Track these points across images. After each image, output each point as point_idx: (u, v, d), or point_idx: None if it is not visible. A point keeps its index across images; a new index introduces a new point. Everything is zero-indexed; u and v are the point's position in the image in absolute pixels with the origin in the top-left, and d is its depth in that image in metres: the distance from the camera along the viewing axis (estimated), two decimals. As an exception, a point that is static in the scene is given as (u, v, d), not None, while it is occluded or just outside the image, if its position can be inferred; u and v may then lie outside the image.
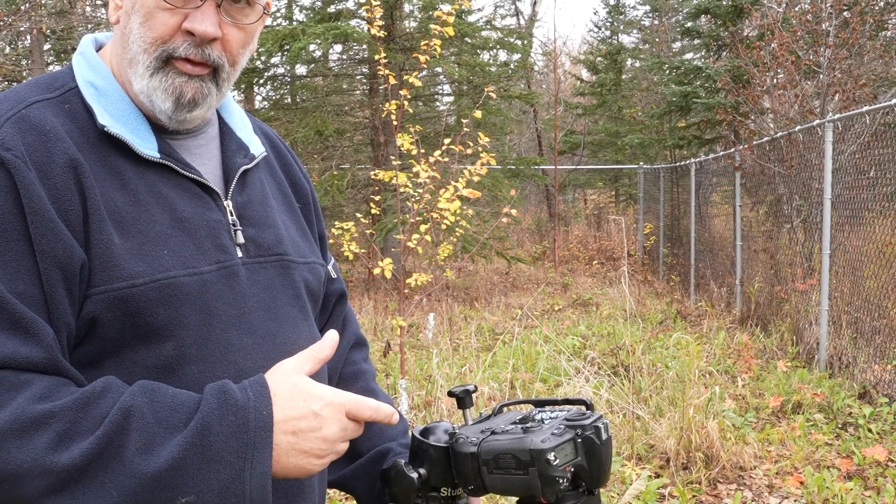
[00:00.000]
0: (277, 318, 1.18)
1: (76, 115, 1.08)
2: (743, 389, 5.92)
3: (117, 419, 0.95)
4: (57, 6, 9.81)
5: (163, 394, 1.00)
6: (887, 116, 6.12)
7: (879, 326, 6.13)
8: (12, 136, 1.01)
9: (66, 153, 1.03)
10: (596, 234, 19.15)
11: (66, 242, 1.00)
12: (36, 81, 1.12)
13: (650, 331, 7.80)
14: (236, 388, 1.02)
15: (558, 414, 1.15)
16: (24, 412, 0.93)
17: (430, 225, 5.77)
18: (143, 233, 1.06)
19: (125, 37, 1.09)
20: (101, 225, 1.03)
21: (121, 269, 1.03)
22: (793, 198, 8.23)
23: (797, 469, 4.48)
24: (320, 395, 1.03)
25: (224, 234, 1.15)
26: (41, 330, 0.98)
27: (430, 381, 5.64)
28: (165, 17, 1.07)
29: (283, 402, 1.01)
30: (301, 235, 1.29)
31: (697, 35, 14.03)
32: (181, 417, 0.97)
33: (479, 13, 22.74)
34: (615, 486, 4.11)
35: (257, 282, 1.17)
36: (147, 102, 1.10)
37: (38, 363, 0.97)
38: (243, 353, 1.12)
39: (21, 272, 0.98)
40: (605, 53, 19.46)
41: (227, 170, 1.21)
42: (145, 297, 1.04)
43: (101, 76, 1.12)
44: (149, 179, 1.10)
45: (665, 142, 15.27)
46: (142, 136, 1.10)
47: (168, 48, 1.08)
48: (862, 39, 8.94)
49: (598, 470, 1.10)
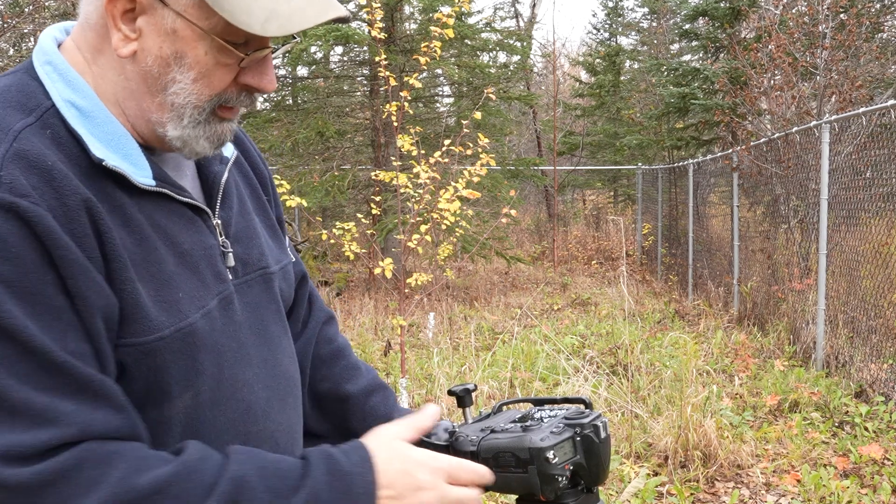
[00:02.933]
0: (267, 342, 1.13)
1: (62, 144, 0.94)
2: (740, 388, 5.96)
3: (229, 490, 0.92)
4: (60, 8, 9.77)
5: (266, 459, 0.98)
6: (883, 118, 6.15)
7: (876, 326, 6.17)
8: (18, 178, 0.88)
9: (76, 193, 0.91)
10: (595, 234, 19.17)
11: (103, 289, 0.92)
12: (3, 96, 0.96)
13: (648, 330, 7.84)
14: (339, 453, 1.01)
15: (557, 413, 1.16)
16: (128, 489, 0.86)
17: (430, 225, 5.81)
18: (156, 276, 0.98)
19: (158, 81, 0.98)
20: (123, 272, 0.94)
21: (149, 321, 0.96)
22: (790, 198, 8.27)
23: (794, 467, 4.51)
24: (422, 461, 1.03)
25: (218, 260, 1.08)
26: (111, 390, 0.91)
27: (431, 380, 5.68)
28: (224, 73, 0.99)
29: (386, 467, 1.01)
30: (272, 234, 1.23)
31: (695, 37, 14.06)
32: (289, 484, 0.96)
33: (479, 15, 22.75)
34: (614, 484, 4.14)
35: (246, 305, 1.11)
36: (178, 144, 1.01)
37: (119, 429, 0.91)
38: (247, 387, 1.08)
39: (68, 329, 0.89)
40: (604, 55, 19.48)
41: (206, 181, 1.12)
42: (170, 350, 0.97)
43: (82, 95, 0.98)
44: (146, 211, 1.00)
45: (663, 143, 15.30)
46: (136, 164, 0.99)
47: (221, 100, 1.01)
48: (858, 41, 8.97)
49: (596, 468, 1.11)
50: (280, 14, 0.93)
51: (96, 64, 1.00)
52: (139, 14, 0.96)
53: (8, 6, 9.45)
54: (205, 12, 0.94)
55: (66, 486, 0.85)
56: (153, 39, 0.96)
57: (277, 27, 0.93)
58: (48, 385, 0.87)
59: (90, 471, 0.86)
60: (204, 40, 0.96)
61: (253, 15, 0.92)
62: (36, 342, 0.86)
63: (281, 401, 1.15)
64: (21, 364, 0.86)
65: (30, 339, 0.86)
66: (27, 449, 0.84)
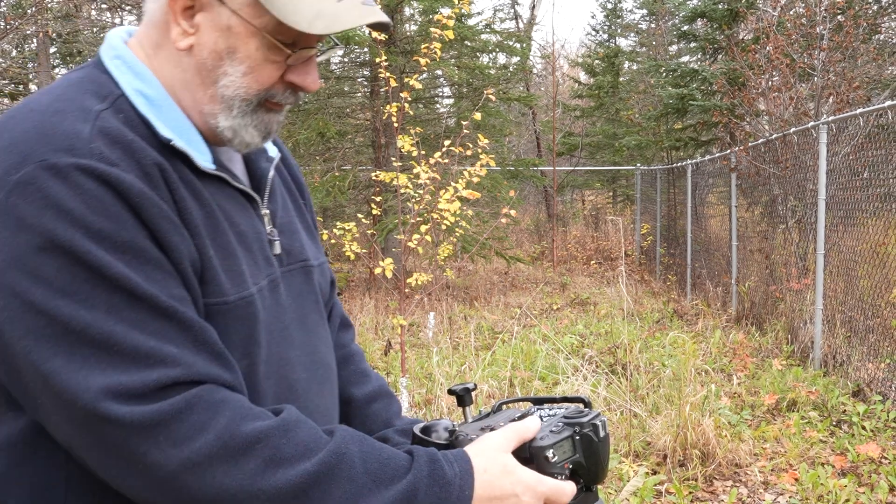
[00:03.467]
0: (307, 328, 1.19)
1: (134, 127, 1.02)
2: (738, 387, 5.98)
3: (331, 461, 0.96)
4: (63, 10, 9.80)
5: (370, 444, 1.02)
6: (880, 119, 6.17)
7: (873, 325, 6.19)
8: (105, 151, 0.96)
9: (155, 163, 1.00)
10: (594, 234, 19.19)
11: (190, 244, 1.00)
12: (79, 86, 1.04)
13: (647, 330, 7.86)
14: (444, 460, 1.04)
15: (557, 412, 1.17)
16: (231, 435, 0.92)
17: (430, 225, 5.83)
18: (222, 247, 1.05)
19: (211, 73, 1.05)
20: (199, 237, 1.02)
21: (218, 284, 1.03)
22: (788, 198, 8.30)
23: (792, 466, 4.52)
24: (524, 480, 1.06)
25: (267, 246, 1.15)
26: (211, 336, 0.97)
27: (431, 380, 5.71)
28: (272, 69, 1.06)
29: (490, 479, 1.04)
30: (310, 235, 1.29)
31: (694, 38, 14.09)
32: (389, 474, 0.99)
33: (479, 17, 22.75)
34: (613, 483, 4.16)
35: (290, 292, 1.17)
36: (229, 134, 1.09)
37: (221, 375, 0.96)
38: (290, 366, 1.14)
39: (169, 277, 0.96)
40: (603, 56, 19.49)
41: (254, 176, 1.20)
42: (234, 315, 1.04)
43: (149, 85, 1.07)
44: (210, 191, 1.07)
45: (662, 143, 15.33)
46: (198, 149, 1.07)
47: (267, 95, 1.08)
48: (855, 43, 9.00)
49: (596, 467, 1.12)
50: (326, 14, 1.01)
51: (156, 58, 1.08)
52: (198, 11, 1.04)
53: (10, 7, 9.46)
54: (257, 11, 1.02)
55: (177, 427, 0.91)
56: (209, 35, 1.04)
57: (323, 26, 1.01)
58: (154, 329, 0.93)
59: (199, 415, 0.92)
60: (255, 37, 1.03)
61: (300, 14, 1.00)
62: (141, 289, 0.93)
63: (319, 385, 1.20)
64: (129, 311, 0.92)
65: (135, 286, 0.93)
66: (138, 388, 0.90)
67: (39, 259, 0.90)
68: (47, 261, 0.90)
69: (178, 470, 0.90)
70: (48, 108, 0.99)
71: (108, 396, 0.89)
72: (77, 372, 0.89)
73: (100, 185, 0.93)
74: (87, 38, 11.19)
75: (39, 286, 0.90)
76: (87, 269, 0.91)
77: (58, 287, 0.90)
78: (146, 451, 0.90)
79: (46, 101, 1.01)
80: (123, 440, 0.90)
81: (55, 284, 0.90)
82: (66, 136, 0.95)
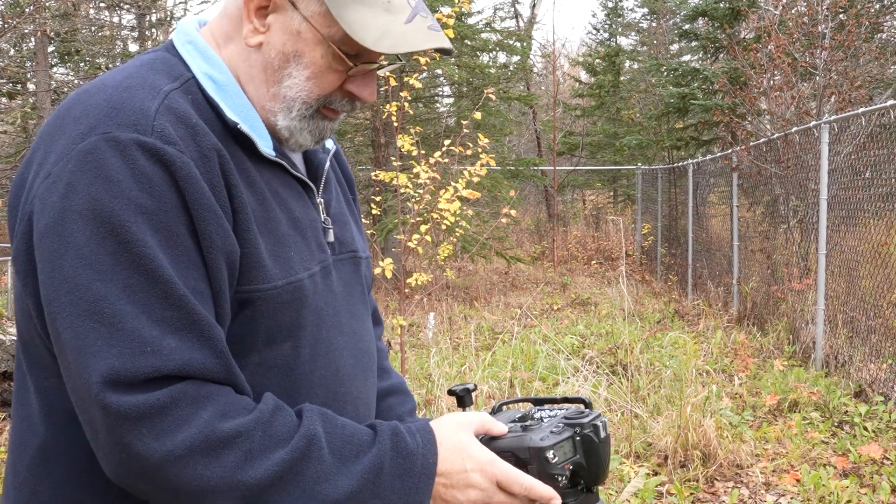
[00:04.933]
0: (355, 316, 1.23)
1: (201, 109, 1.06)
2: (740, 388, 5.96)
3: (302, 444, 0.99)
4: (61, 9, 9.81)
5: (335, 422, 1.04)
6: (883, 118, 6.16)
7: (875, 325, 6.18)
8: (168, 128, 0.99)
9: (214, 148, 1.03)
10: (594, 234, 19.19)
11: (229, 236, 1.02)
12: (151, 66, 1.08)
13: (648, 330, 7.84)
14: (406, 432, 1.07)
15: (557, 412, 1.17)
16: (212, 430, 0.94)
17: (430, 225, 5.82)
18: (273, 233, 1.08)
19: (276, 73, 1.10)
20: (248, 224, 1.04)
21: (266, 271, 1.05)
22: (789, 198, 8.28)
23: (793, 467, 4.51)
24: (477, 458, 1.07)
25: (321, 233, 1.18)
26: (215, 333, 0.99)
27: (430, 380, 5.69)
28: (334, 77, 1.10)
29: (445, 454, 1.07)
30: (358, 229, 1.33)
31: (695, 37, 14.08)
32: (353, 450, 1.02)
33: (479, 16, 22.78)
34: (613, 484, 4.15)
35: (341, 280, 1.21)
36: (286, 134, 1.13)
37: (214, 371, 0.98)
38: (338, 352, 1.17)
39: (192, 267, 0.98)
40: (604, 55, 19.49)
41: (311, 166, 1.23)
42: (280, 300, 1.06)
43: (219, 70, 1.11)
44: (265, 177, 1.11)
45: (663, 143, 15.32)
46: (261, 135, 1.11)
47: (326, 101, 1.12)
48: (857, 42, 8.98)
49: (596, 468, 1.12)
50: (392, 34, 1.05)
51: (226, 49, 1.13)
52: (271, 11, 1.09)
53: (8, 6, 9.46)
54: (328, 21, 1.07)
55: (161, 421, 0.93)
56: (279, 36, 1.09)
57: (388, 45, 1.05)
58: (161, 317, 0.95)
59: (183, 409, 0.94)
60: (322, 45, 1.08)
61: (368, 31, 1.05)
62: (162, 273, 0.95)
63: (363, 372, 1.23)
64: (142, 293, 0.95)
65: (158, 268, 0.95)
66: (129, 377, 0.92)
67: (76, 226, 0.94)
68: (82, 228, 0.94)
69: (160, 462, 0.93)
70: (120, 84, 1.03)
71: (104, 381, 0.92)
72: (82, 348, 0.93)
73: (154, 163, 0.96)
74: (86, 37, 11.19)
75: (69, 253, 0.94)
76: (117, 242, 0.94)
77: (83, 255, 0.94)
78: (130, 442, 0.93)
79: (119, 78, 1.05)
80: (111, 427, 0.93)
81: (82, 253, 0.94)
82: (132, 111, 0.99)
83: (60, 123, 1.02)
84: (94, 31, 11.52)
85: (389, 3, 1.06)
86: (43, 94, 12.33)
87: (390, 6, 1.06)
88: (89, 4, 12.27)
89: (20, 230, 1.01)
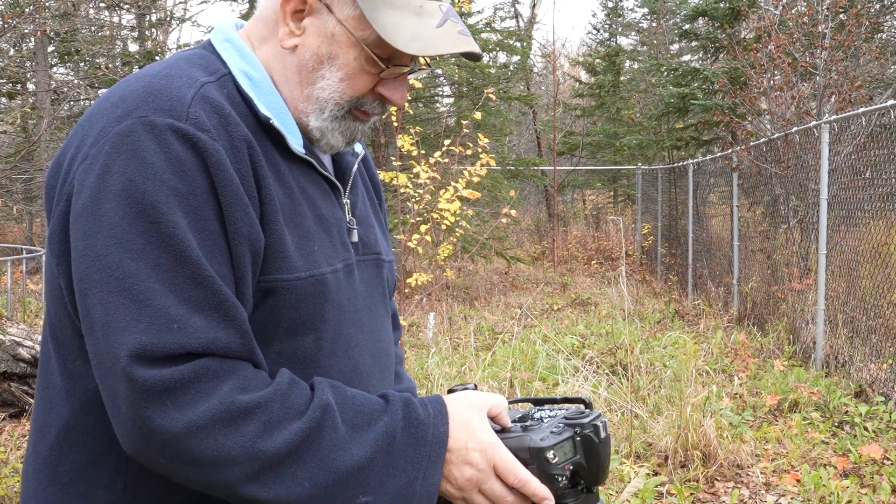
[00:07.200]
0: (375, 316, 1.25)
1: (235, 103, 1.09)
2: (740, 388, 5.96)
3: (317, 415, 1.01)
4: (61, 9, 9.82)
5: (344, 394, 1.06)
6: (883, 118, 6.16)
7: (875, 325, 6.18)
8: (202, 116, 1.03)
9: (244, 139, 1.06)
10: (594, 234, 19.20)
11: (255, 225, 1.04)
12: (189, 60, 1.13)
13: (648, 330, 7.84)
14: (418, 403, 1.09)
15: (557, 412, 1.16)
16: (232, 401, 0.97)
17: (430, 225, 5.82)
18: (298, 227, 1.11)
19: (310, 74, 1.14)
20: (274, 215, 1.07)
21: (290, 261, 1.08)
22: (789, 198, 8.28)
23: (794, 467, 4.51)
24: (480, 439, 1.08)
25: (345, 233, 1.21)
26: (239, 314, 1.01)
27: (430, 380, 5.69)
28: (366, 80, 1.14)
29: (454, 431, 1.08)
30: (382, 233, 1.35)
31: (695, 37, 14.07)
32: (364, 419, 1.04)
33: (479, 15, 22.72)
34: (613, 484, 4.15)
35: (363, 280, 1.23)
36: (317, 134, 1.16)
37: (237, 349, 1.00)
38: (358, 349, 1.19)
39: (217, 250, 1.01)
40: (604, 55, 19.48)
41: (339, 167, 1.26)
42: (304, 291, 1.09)
43: (254, 67, 1.14)
44: (295, 174, 1.14)
45: (663, 143, 15.32)
46: (292, 132, 1.14)
47: (358, 103, 1.16)
48: (858, 42, 8.98)
49: (596, 468, 1.12)
50: (423, 37, 1.09)
51: (261, 50, 1.17)
52: (307, 15, 1.13)
53: (8, 6, 9.46)
54: (362, 24, 1.10)
55: (184, 393, 0.96)
56: (314, 38, 1.13)
57: (418, 48, 1.09)
58: (188, 297, 0.98)
59: (205, 383, 0.97)
60: (356, 48, 1.12)
61: (400, 33, 1.08)
62: (190, 254, 0.98)
63: (381, 371, 1.25)
64: (171, 273, 0.98)
65: (186, 249, 0.98)
66: (156, 351, 0.95)
67: (110, 205, 0.97)
68: (115, 208, 0.97)
69: (182, 433, 0.95)
70: (158, 73, 1.08)
71: (132, 355, 0.95)
72: (112, 323, 0.96)
73: (187, 148, 1.00)
74: (85, 37, 11.20)
75: (103, 231, 0.97)
76: (149, 222, 0.97)
77: (116, 234, 0.97)
78: (151, 415, 0.95)
79: (158, 69, 1.10)
80: (135, 401, 0.95)
81: (115, 231, 0.97)
82: (169, 97, 1.03)
83: (99, 108, 1.06)
84: (93, 31, 11.53)
85: (421, 7, 1.10)
86: (43, 94, 12.34)
87: (422, 11, 1.10)
88: (89, 4, 12.27)
89: (58, 211, 1.04)
